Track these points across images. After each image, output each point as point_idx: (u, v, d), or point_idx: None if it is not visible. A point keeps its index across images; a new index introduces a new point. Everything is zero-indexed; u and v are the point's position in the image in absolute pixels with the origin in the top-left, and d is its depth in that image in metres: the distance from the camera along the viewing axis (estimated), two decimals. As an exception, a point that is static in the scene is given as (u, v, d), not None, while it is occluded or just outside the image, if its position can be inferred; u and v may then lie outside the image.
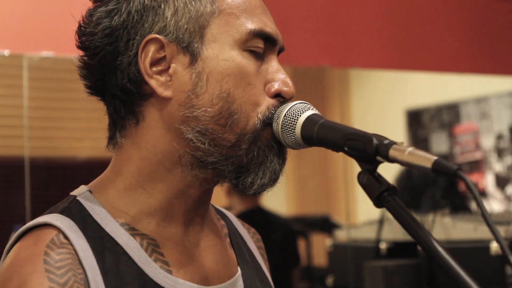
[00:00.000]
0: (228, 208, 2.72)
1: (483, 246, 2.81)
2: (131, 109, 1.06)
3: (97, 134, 3.43)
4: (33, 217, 1.05)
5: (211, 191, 1.11)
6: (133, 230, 1.05)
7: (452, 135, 5.27)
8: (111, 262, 1.00)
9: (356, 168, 0.98)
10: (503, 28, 3.79)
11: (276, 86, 1.06)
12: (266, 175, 1.05)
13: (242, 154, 1.04)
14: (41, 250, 0.97)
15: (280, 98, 1.07)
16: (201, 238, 1.11)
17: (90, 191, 1.07)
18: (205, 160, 1.04)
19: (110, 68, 1.05)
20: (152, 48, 1.04)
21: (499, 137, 5.01)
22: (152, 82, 1.04)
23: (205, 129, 1.03)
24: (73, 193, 1.08)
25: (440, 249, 0.90)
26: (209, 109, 1.02)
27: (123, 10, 1.04)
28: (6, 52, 2.69)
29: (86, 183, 1.11)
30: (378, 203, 0.95)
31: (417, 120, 5.45)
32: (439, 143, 5.32)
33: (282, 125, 1.04)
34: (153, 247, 1.05)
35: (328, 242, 3.77)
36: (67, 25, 2.76)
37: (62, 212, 1.03)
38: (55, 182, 3.14)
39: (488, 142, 5.06)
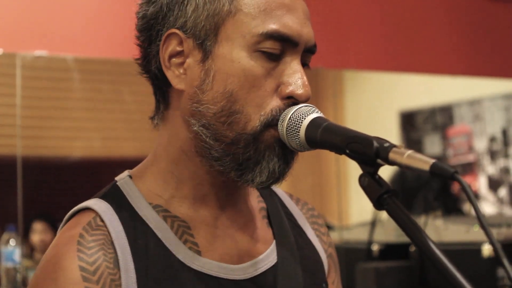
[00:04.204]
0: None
1: (474, 249, 2.82)
2: (162, 92, 1.12)
3: (89, 133, 3.42)
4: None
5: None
6: (166, 212, 1.10)
7: (445, 137, 5.28)
8: (142, 243, 1.06)
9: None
10: (497, 31, 3.80)
11: (289, 89, 1.07)
12: (263, 174, 1.06)
13: (239, 152, 1.06)
14: (77, 232, 1.05)
15: (293, 100, 1.07)
16: (235, 220, 1.14)
17: (130, 176, 1.14)
18: (209, 153, 1.07)
19: (146, 52, 1.12)
20: (173, 41, 1.08)
21: (492, 139, 5.02)
22: (169, 74, 1.09)
23: (208, 123, 1.06)
24: (116, 178, 1.14)
25: (438, 252, 0.91)
26: (211, 106, 1.06)
27: (158, 0, 1.09)
28: (0, 51, 2.69)
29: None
30: (378, 205, 0.96)
31: (410, 122, 5.46)
32: (432, 145, 5.33)
33: (287, 128, 1.05)
34: (184, 229, 1.09)
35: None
36: (60, 24, 2.77)
37: (103, 196, 1.11)
38: (47, 181, 3.13)
39: (481, 144, 5.07)
